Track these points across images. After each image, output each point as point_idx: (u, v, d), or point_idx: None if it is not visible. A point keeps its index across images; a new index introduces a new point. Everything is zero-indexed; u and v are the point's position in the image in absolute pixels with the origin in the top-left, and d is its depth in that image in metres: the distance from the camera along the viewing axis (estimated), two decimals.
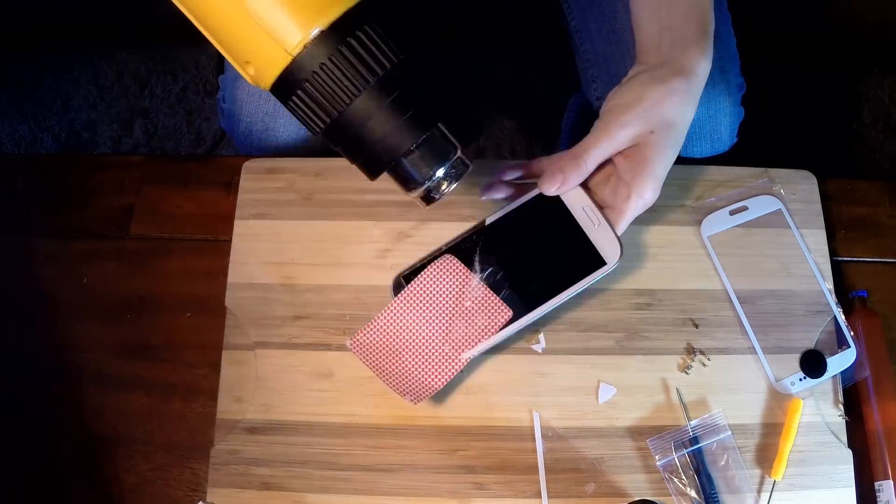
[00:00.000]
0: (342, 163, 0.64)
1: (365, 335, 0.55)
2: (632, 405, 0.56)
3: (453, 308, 0.55)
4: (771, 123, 0.76)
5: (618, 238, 0.53)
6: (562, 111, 1.07)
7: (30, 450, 0.57)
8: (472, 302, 0.55)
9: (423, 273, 0.55)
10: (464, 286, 0.55)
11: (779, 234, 0.61)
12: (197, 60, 1.31)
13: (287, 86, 0.41)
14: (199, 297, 0.60)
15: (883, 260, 0.62)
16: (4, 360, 0.59)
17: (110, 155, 0.66)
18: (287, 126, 0.67)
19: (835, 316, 0.58)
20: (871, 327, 0.58)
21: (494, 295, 0.54)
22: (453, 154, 0.45)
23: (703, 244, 0.61)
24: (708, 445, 0.54)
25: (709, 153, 0.67)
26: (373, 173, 0.45)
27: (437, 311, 0.55)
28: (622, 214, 0.52)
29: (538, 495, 0.54)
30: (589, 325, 0.59)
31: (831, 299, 0.59)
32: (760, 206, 0.61)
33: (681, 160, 0.66)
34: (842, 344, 0.58)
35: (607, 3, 0.70)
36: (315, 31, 0.39)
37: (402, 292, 0.55)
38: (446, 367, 0.54)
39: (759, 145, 0.84)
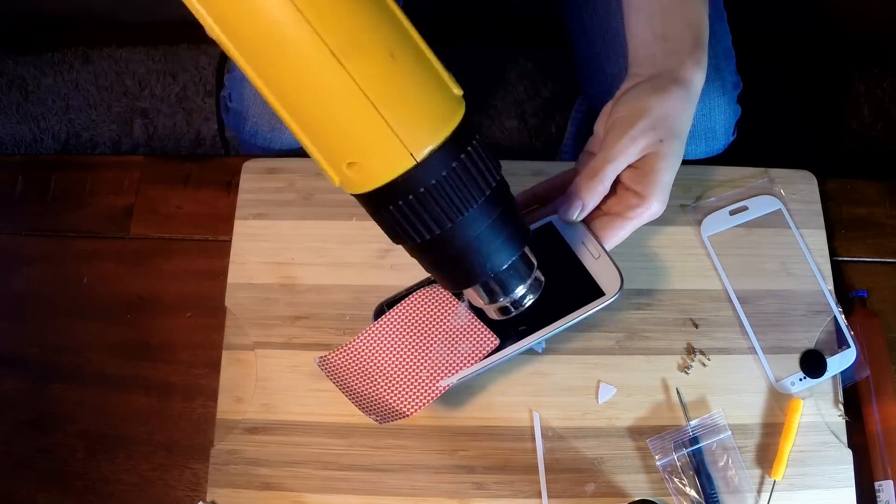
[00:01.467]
0: None
1: (336, 356, 0.53)
2: (632, 405, 0.56)
3: (435, 334, 0.53)
4: (771, 123, 0.76)
5: (618, 270, 0.50)
6: (562, 111, 1.07)
7: (30, 450, 0.57)
8: (457, 328, 0.52)
9: (405, 300, 0.53)
10: (449, 313, 0.53)
11: (779, 234, 0.61)
12: (197, 60, 1.31)
13: (397, 192, 0.38)
14: (199, 297, 0.60)
15: (883, 260, 0.63)
16: (4, 361, 0.59)
17: (110, 155, 0.66)
18: None
19: (835, 316, 0.58)
20: (871, 327, 0.58)
21: (480, 322, 0.52)
22: (534, 270, 0.45)
23: (703, 244, 0.61)
24: (708, 445, 0.54)
25: (704, 153, 0.67)
26: (460, 288, 0.45)
27: (417, 336, 0.53)
28: (628, 222, 0.50)
29: (538, 495, 0.54)
30: (589, 325, 0.59)
31: (831, 299, 0.59)
32: (760, 206, 0.61)
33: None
34: (842, 344, 0.58)
35: (602, 2, 0.70)
36: (443, 138, 0.37)
37: (382, 317, 0.53)
38: (421, 394, 0.51)
39: (758, 145, 0.84)
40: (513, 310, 0.46)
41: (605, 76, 0.71)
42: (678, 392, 0.56)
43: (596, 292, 0.51)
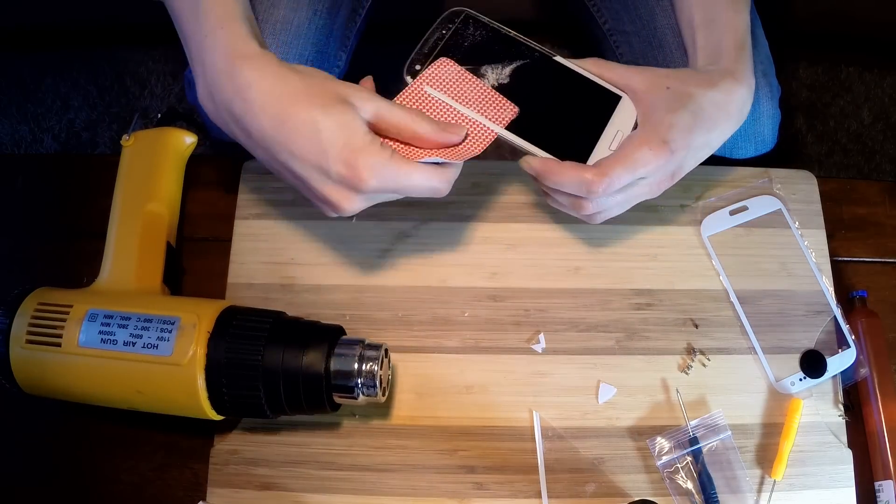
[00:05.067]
0: None
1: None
2: (632, 405, 0.56)
3: (459, 104, 0.52)
4: (779, 124, 0.77)
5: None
6: None
7: (29, 450, 0.57)
8: (477, 100, 0.52)
9: (429, 68, 0.52)
10: (465, 85, 0.52)
11: (779, 234, 0.61)
12: None
13: (217, 398, 0.50)
14: (199, 297, 0.60)
15: (883, 260, 0.63)
16: None
17: (110, 155, 0.66)
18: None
19: (835, 316, 0.58)
20: (871, 327, 0.58)
21: (497, 92, 0.52)
22: (360, 348, 0.50)
23: (703, 244, 0.61)
24: (708, 445, 0.54)
25: (752, 154, 0.68)
26: (332, 408, 0.52)
27: (445, 104, 0.52)
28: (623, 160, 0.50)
29: (538, 495, 0.54)
30: (589, 325, 0.59)
31: (831, 299, 0.59)
32: (760, 206, 0.61)
33: (719, 160, 0.66)
34: (842, 344, 0.58)
35: (643, 5, 0.70)
36: (202, 365, 0.49)
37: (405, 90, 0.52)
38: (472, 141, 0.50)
39: None
40: (375, 388, 0.51)
41: None
42: (678, 392, 0.56)
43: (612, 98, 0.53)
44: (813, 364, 0.57)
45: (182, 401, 0.50)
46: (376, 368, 0.50)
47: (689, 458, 0.54)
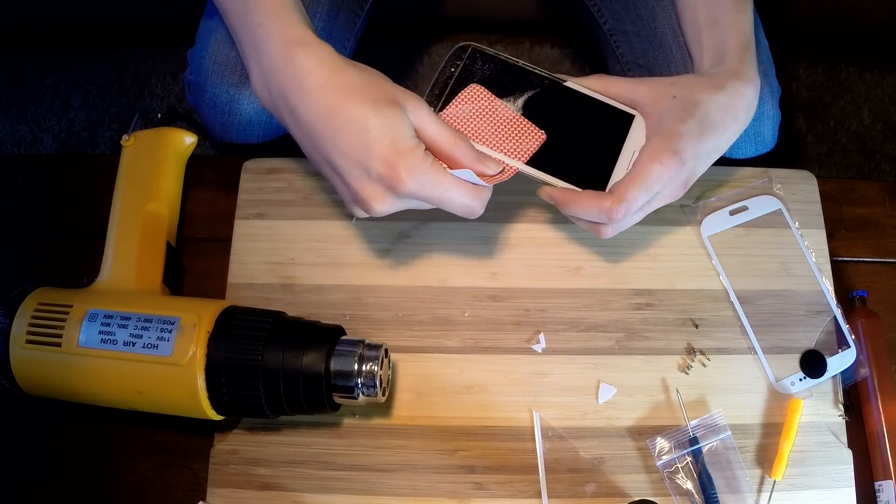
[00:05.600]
0: None
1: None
2: (632, 405, 0.56)
3: (486, 130, 0.52)
4: (779, 124, 0.77)
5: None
6: None
7: (29, 450, 0.57)
8: (504, 125, 0.52)
9: (452, 103, 0.53)
10: (493, 112, 0.53)
11: (779, 234, 0.61)
12: None
13: (217, 397, 0.50)
14: (199, 297, 0.60)
15: (882, 260, 0.63)
16: None
17: (110, 155, 0.66)
18: (252, 98, 0.66)
19: (835, 316, 0.58)
20: (871, 327, 0.58)
21: (525, 119, 0.52)
22: (360, 348, 0.50)
23: (703, 244, 0.61)
24: (708, 445, 0.54)
25: (753, 154, 0.68)
26: (332, 408, 0.52)
27: (475, 130, 0.52)
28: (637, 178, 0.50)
29: (538, 495, 0.54)
30: (589, 325, 0.59)
31: (831, 299, 0.59)
32: (760, 206, 0.61)
33: (719, 161, 0.66)
34: (842, 344, 0.58)
35: (643, 5, 0.70)
36: (202, 366, 0.49)
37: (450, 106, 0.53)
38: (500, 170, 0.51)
39: None
40: (377, 388, 0.51)
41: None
42: (678, 392, 0.56)
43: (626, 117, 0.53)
44: (813, 364, 0.57)
45: (182, 401, 0.50)
46: (376, 369, 0.50)
47: (689, 458, 0.54)
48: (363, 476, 0.55)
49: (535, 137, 0.52)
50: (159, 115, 0.65)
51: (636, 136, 0.53)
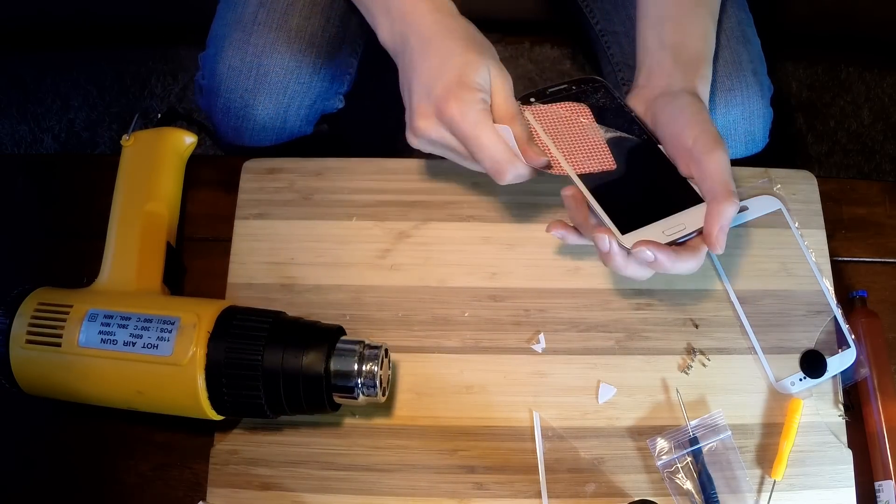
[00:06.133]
0: (342, 163, 0.64)
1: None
2: (632, 405, 0.56)
3: (573, 141, 0.54)
4: (771, 123, 0.77)
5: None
6: None
7: (29, 450, 0.57)
8: (584, 141, 0.53)
9: (554, 104, 0.55)
10: (583, 128, 0.54)
11: (779, 234, 0.61)
12: (197, 60, 1.31)
13: (217, 397, 0.50)
14: (199, 297, 0.60)
15: (882, 260, 0.63)
16: None
17: (110, 155, 0.66)
18: (266, 104, 0.66)
19: (835, 316, 0.58)
20: (871, 327, 0.58)
21: (605, 143, 0.53)
22: (360, 348, 0.51)
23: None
24: (708, 445, 0.54)
25: (743, 154, 0.68)
26: (332, 408, 0.52)
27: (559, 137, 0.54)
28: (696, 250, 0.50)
29: (538, 495, 0.54)
30: (589, 325, 0.59)
31: (831, 299, 0.59)
32: (760, 206, 0.61)
33: None
34: (842, 344, 0.58)
35: (632, 5, 0.70)
36: (202, 366, 0.49)
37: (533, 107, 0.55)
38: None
39: None
40: (376, 389, 0.51)
41: None
42: (678, 392, 0.56)
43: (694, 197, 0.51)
44: (813, 364, 0.57)
45: (182, 401, 0.50)
46: (376, 369, 0.50)
47: (689, 458, 0.54)
48: (363, 476, 0.55)
49: (603, 161, 0.53)
50: (159, 116, 0.65)
51: (693, 216, 0.51)
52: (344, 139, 0.77)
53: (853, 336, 0.57)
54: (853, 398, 0.58)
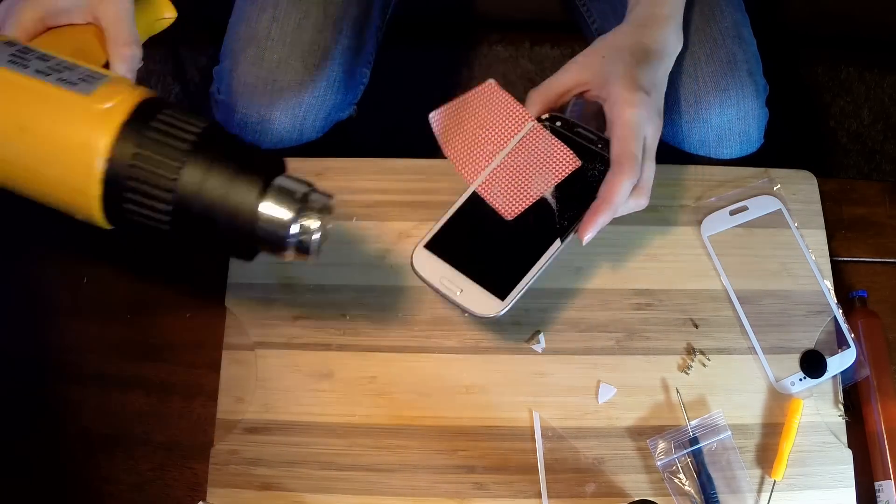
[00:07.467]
0: (342, 163, 0.64)
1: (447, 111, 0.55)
2: (632, 405, 0.56)
3: (517, 154, 0.53)
4: (771, 123, 0.76)
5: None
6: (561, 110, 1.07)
7: (30, 450, 0.57)
8: (537, 150, 0.53)
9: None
10: (515, 126, 0.53)
11: (779, 234, 0.61)
12: (196, 60, 1.31)
13: (114, 195, 0.39)
14: (199, 297, 0.60)
15: (882, 260, 0.63)
16: (4, 361, 0.59)
17: None
18: (282, 119, 0.66)
19: (835, 316, 0.58)
20: (871, 327, 0.58)
21: (560, 142, 0.53)
22: (306, 191, 0.42)
23: (703, 244, 0.61)
24: (708, 445, 0.54)
25: (738, 154, 0.67)
26: (246, 256, 0.43)
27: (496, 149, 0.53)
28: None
29: (538, 495, 0.54)
30: (589, 325, 0.59)
31: (831, 299, 0.59)
32: (760, 206, 0.61)
33: (690, 160, 0.66)
34: (842, 344, 0.58)
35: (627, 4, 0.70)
36: (117, 127, 0.39)
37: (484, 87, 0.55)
38: (517, 200, 0.52)
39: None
40: (310, 243, 0.42)
41: None
42: (678, 392, 0.56)
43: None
44: (813, 364, 0.57)
45: (70, 157, 0.39)
46: (315, 225, 0.42)
47: (689, 458, 0.54)
48: (363, 476, 0.55)
49: (568, 162, 0.52)
50: None
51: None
52: (345, 139, 0.77)
53: (853, 336, 0.57)
54: (853, 398, 0.58)
